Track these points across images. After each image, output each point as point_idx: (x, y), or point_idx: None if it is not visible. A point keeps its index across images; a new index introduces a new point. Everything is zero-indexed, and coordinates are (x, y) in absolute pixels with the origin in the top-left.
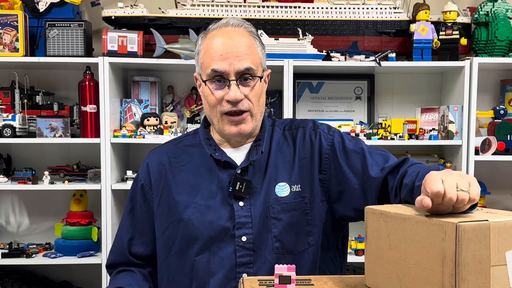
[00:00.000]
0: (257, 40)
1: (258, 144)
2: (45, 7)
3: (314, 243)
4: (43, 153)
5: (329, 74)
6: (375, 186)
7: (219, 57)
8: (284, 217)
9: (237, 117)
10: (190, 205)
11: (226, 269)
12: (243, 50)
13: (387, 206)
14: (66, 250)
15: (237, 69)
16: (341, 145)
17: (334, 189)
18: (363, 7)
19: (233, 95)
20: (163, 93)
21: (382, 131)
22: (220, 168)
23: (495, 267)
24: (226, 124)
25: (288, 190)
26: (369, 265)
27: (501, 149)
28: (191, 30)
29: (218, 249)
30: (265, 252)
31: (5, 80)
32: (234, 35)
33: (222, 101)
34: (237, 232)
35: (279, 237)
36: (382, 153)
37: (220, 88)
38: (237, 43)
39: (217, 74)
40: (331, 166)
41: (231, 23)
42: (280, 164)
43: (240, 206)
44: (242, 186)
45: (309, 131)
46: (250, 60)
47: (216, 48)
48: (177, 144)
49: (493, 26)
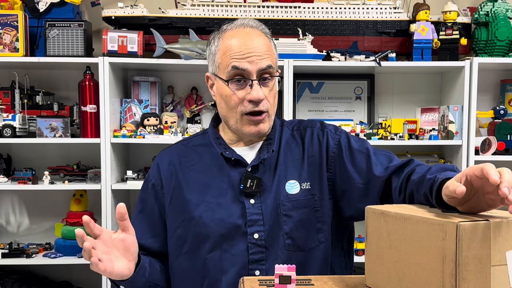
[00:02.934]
0: (272, 42)
1: (269, 143)
2: (45, 7)
3: (324, 240)
4: (43, 153)
5: (329, 74)
6: (378, 185)
7: (240, 56)
8: (295, 214)
9: (257, 117)
10: (201, 203)
11: (238, 267)
12: (263, 50)
13: (388, 206)
14: (66, 250)
15: (259, 67)
16: (347, 145)
17: (338, 187)
18: (363, 7)
19: (256, 95)
20: (163, 93)
21: (382, 131)
22: (231, 167)
23: (495, 267)
24: (245, 124)
25: (298, 188)
26: (369, 265)
27: (501, 149)
28: (191, 30)
29: (229, 247)
30: (277, 249)
31: (5, 80)
32: (253, 36)
33: (244, 101)
34: (249, 229)
35: (290, 234)
36: (387, 154)
37: (241, 88)
38: (257, 43)
39: (238, 73)
40: (336, 165)
41: (250, 24)
42: (290, 163)
43: (251, 204)
44: (253, 184)
45: (317, 131)
46: (271, 59)
47: (236, 48)
48: (186, 144)
49: (493, 26)
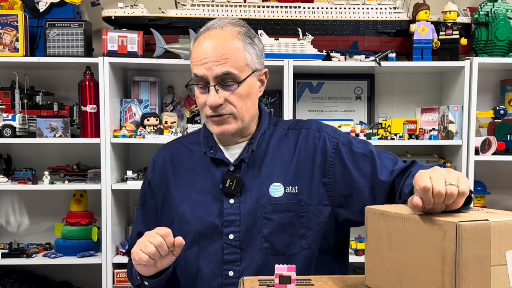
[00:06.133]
0: (245, 40)
1: (251, 143)
2: (45, 7)
3: (307, 247)
4: (43, 153)
5: (329, 74)
6: (384, 190)
7: (198, 62)
8: (275, 218)
9: (218, 117)
10: (184, 200)
11: (213, 265)
12: (222, 54)
13: (388, 206)
14: (66, 250)
15: (216, 73)
16: (348, 148)
17: (340, 193)
18: (363, 7)
19: (211, 101)
20: (163, 93)
21: (382, 131)
22: (215, 166)
23: (495, 266)
24: (211, 125)
25: (282, 191)
26: (369, 265)
27: (501, 149)
28: (191, 30)
29: (206, 245)
30: (253, 252)
31: (5, 80)
32: (215, 38)
33: (206, 105)
34: (225, 229)
35: (268, 237)
36: (391, 157)
37: (204, 92)
38: (216, 47)
39: (199, 79)
40: (336, 170)
41: (215, 25)
42: (277, 164)
43: (230, 204)
44: (233, 184)
45: (313, 133)
46: (230, 63)
47: (197, 53)
48: (181, 141)
49: (493, 26)
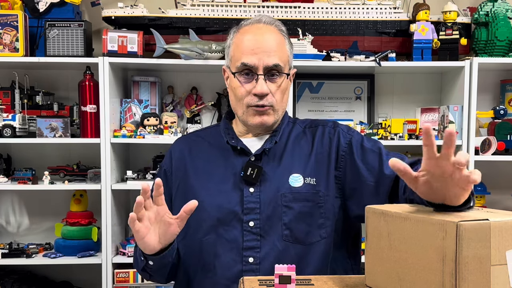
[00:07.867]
0: (286, 39)
1: (274, 135)
2: (45, 7)
3: (326, 236)
4: (43, 153)
5: (329, 74)
6: (387, 185)
7: (249, 51)
8: (295, 206)
9: (261, 108)
10: (203, 189)
11: (233, 252)
12: (272, 47)
13: (388, 205)
14: (66, 250)
15: (266, 64)
16: (359, 144)
17: (348, 186)
18: (363, 7)
19: (260, 89)
20: (163, 93)
21: (382, 131)
22: (235, 155)
23: (495, 266)
24: (250, 115)
25: (301, 182)
26: (369, 265)
27: (501, 149)
28: (191, 30)
29: (224, 232)
30: (274, 239)
31: (5, 80)
32: (265, 32)
33: (249, 94)
34: (245, 217)
35: (289, 225)
36: (398, 155)
37: (248, 81)
38: (267, 39)
39: (246, 68)
40: (347, 164)
41: (264, 20)
42: (297, 156)
43: (250, 192)
44: (254, 172)
45: (329, 129)
46: (279, 57)
47: (247, 42)
48: (198, 134)
49: (493, 26)
